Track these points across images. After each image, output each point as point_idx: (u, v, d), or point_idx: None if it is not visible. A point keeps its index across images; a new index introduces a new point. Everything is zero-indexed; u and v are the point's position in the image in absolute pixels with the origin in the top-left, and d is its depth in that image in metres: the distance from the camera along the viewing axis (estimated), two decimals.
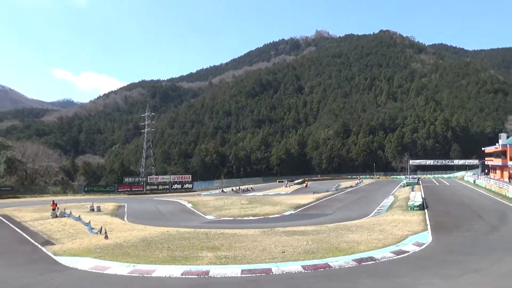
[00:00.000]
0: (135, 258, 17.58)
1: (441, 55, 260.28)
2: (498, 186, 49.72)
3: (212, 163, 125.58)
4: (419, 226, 24.17)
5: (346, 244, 19.67)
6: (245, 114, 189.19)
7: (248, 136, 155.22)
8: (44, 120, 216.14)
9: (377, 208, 37.12)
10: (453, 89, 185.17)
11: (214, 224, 30.82)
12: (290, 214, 36.23)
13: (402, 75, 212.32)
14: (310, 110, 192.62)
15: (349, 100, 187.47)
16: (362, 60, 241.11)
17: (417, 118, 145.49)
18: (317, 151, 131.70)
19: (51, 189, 74.53)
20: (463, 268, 14.72)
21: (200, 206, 45.72)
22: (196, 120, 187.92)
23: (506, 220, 26.34)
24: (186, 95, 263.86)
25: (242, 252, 18.36)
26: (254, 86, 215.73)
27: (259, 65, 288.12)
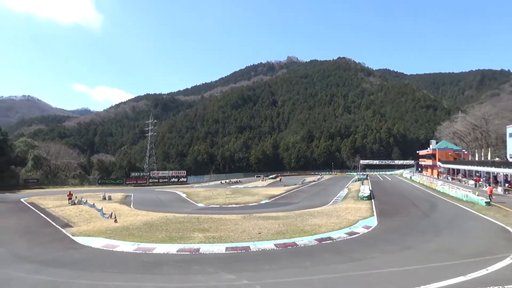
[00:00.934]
0: (139, 238, 17.39)
1: (385, 77, 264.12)
2: (429, 181, 50.53)
3: (203, 161, 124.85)
4: (367, 213, 24.43)
5: (309, 227, 19.78)
6: (230, 122, 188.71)
7: (232, 139, 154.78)
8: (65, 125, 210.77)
9: (334, 198, 37.32)
10: (394, 105, 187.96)
11: (204, 210, 30.64)
12: (266, 203, 36.20)
13: (355, 93, 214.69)
14: (282, 120, 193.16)
15: (313, 112, 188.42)
16: (323, 81, 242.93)
17: (366, 127, 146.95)
18: (287, 152, 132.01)
19: (70, 181, 72.93)
20: (401, 245, 14.98)
21: (193, 196, 45.42)
22: (190, 127, 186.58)
23: (435, 208, 26.83)
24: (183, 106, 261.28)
25: (226, 233, 18.32)
26: (238, 99, 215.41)
27: (242, 83, 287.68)
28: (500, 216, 21.76)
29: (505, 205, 25.81)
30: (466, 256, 12.94)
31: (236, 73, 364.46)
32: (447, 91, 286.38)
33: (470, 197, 29.54)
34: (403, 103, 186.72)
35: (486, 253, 13.34)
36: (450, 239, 16.17)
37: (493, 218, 21.33)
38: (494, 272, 10.99)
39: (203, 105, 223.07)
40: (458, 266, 11.70)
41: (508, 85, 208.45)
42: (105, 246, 15.95)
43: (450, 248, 14.37)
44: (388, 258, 13.07)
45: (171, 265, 12.74)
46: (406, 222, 21.12)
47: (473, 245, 14.73)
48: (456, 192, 33.62)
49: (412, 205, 28.51)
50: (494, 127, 69.74)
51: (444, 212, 24.55)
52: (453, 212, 24.47)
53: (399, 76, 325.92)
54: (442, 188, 39.46)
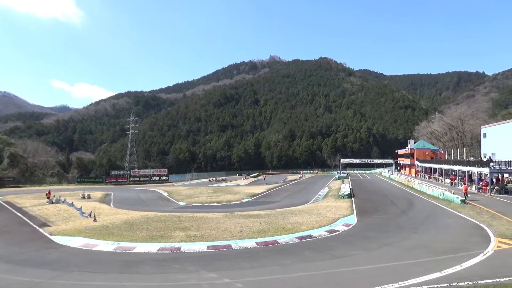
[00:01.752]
0: (119, 237, 17.13)
1: (365, 78, 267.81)
2: (407, 180, 51.56)
3: (184, 159, 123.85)
4: (347, 211, 24.74)
5: (291, 225, 19.90)
6: (212, 121, 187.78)
7: (214, 138, 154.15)
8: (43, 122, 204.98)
9: (315, 197, 37.69)
10: (374, 105, 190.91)
11: (185, 209, 30.44)
12: (247, 201, 36.25)
13: (336, 93, 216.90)
14: (264, 119, 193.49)
15: (294, 111, 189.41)
16: (305, 80, 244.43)
17: (347, 127, 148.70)
18: (269, 151, 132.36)
19: (48, 180, 71.23)
20: (380, 242, 15.26)
21: (174, 194, 45.07)
22: (172, 125, 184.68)
23: (413, 206, 27.41)
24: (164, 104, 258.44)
25: (208, 231, 18.24)
26: (220, 98, 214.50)
27: (224, 81, 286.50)
28: (474, 213, 22.41)
29: (479, 203, 26.59)
30: (441, 253, 13.28)
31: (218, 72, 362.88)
32: (425, 92, 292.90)
33: (446, 195, 30.31)
34: (382, 103, 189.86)
35: (460, 249, 13.72)
36: (427, 236, 16.56)
37: (467, 215, 21.95)
38: (468, 268, 11.31)
39: (185, 104, 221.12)
40: (434, 262, 12.00)
41: (483, 87, 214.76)
42: (84, 245, 15.65)
43: (427, 245, 14.72)
44: (368, 255, 13.29)
45: (151, 264, 12.60)
46: (385, 220, 21.52)
47: (449, 242, 15.12)
48: (433, 191, 34.43)
49: (390, 203, 29.06)
50: (469, 128, 71.74)
51: (421, 210, 25.11)
52: (429, 210, 25.06)
53: (379, 76, 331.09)
54: (420, 186, 40.34)
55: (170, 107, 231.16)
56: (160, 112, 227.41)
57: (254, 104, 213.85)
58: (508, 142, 41.63)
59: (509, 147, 40.91)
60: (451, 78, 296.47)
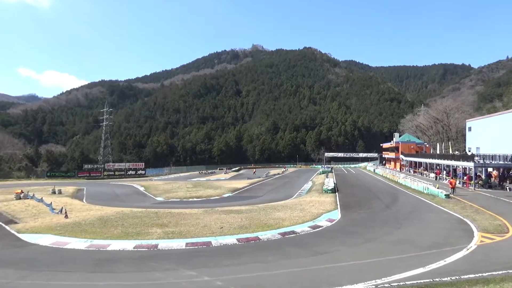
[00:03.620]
0: (92, 235, 16.90)
1: (351, 69, 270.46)
2: (392, 174, 52.57)
3: (162, 152, 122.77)
4: (331, 206, 25.06)
5: (273, 220, 20.03)
6: (191, 112, 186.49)
7: (194, 130, 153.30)
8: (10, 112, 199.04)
9: (298, 191, 38.00)
10: (359, 97, 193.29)
11: (163, 204, 30.26)
12: (228, 196, 36.32)
13: (321, 84, 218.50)
14: (246, 110, 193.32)
15: (278, 103, 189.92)
16: (289, 71, 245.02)
17: (331, 119, 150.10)
18: (251, 144, 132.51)
19: (15, 174, 69.52)
20: (364, 237, 15.53)
21: (151, 189, 44.71)
22: (149, 116, 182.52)
23: (397, 200, 27.99)
24: (141, 94, 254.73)
25: (186, 228, 18.19)
26: (200, 88, 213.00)
27: (204, 71, 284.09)
28: (458, 208, 23.05)
29: (464, 198, 27.37)
30: (425, 248, 13.62)
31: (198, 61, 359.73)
32: (411, 84, 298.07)
33: (431, 189, 31.05)
34: (368, 96, 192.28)
35: (444, 244, 14.11)
36: (411, 230, 16.95)
37: (451, 210, 22.56)
38: (451, 263, 11.64)
39: (163, 94, 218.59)
40: (418, 257, 12.30)
41: (468, 79, 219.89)
42: (54, 243, 15.36)
43: (411, 239, 15.06)
44: (351, 251, 13.52)
45: (126, 262, 12.48)
46: (369, 214, 21.91)
47: (432, 237, 15.52)
48: (417, 185, 35.22)
49: (375, 198, 29.60)
50: (454, 121, 73.52)
51: (405, 205, 25.66)
52: (414, 205, 25.65)
53: (365, 68, 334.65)
54: (404, 181, 41.18)
55: (147, 98, 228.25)
56: (136, 102, 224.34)
57: (235, 95, 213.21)
58: (492, 136, 42.89)
59: (493, 141, 42.17)
60: (437, 70, 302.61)
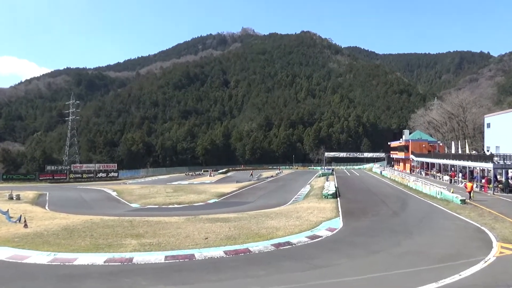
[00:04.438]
0: (56, 247, 16.74)
1: (355, 57, 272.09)
2: (401, 177, 52.99)
3: (138, 152, 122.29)
4: (332, 213, 25.18)
5: (265, 230, 20.07)
6: (172, 105, 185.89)
7: (175, 126, 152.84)
8: None
9: (294, 196, 38.18)
10: (364, 88, 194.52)
11: (139, 212, 30.15)
12: (214, 202, 36.36)
13: (320, 74, 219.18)
14: (235, 103, 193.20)
15: (271, 95, 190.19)
16: (284, 58, 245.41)
17: (332, 114, 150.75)
18: (241, 142, 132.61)
19: None
20: (368, 249, 15.64)
21: (125, 194, 44.52)
22: (123, 110, 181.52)
23: (406, 207, 28.25)
24: (113, 84, 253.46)
25: (166, 239, 18.13)
26: (182, 78, 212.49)
27: (186, 58, 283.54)
28: (475, 215, 23.33)
29: (481, 203, 27.68)
30: (438, 260, 13.75)
31: (180, 46, 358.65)
32: (423, 74, 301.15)
33: (444, 194, 31.38)
34: (374, 87, 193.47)
35: (459, 256, 14.26)
36: (421, 241, 17.11)
37: (467, 217, 22.82)
38: (467, 278, 11.77)
39: (138, 84, 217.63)
40: (429, 271, 12.42)
41: (487, 69, 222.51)
42: (11, 257, 15.20)
43: (421, 251, 15.21)
44: (354, 264, 13.60)
45: (95, 278, 12.40)
46: (375, 222, 22.07)
47: (446, 248, 15.69)
48: (430, 189, 35.54)
49: (381, 204, 29.86)
50: (471, 117, 74.33)
51: (415, 211, 25.92)
52: (425, 211, 25.91)
53: (370, 55, 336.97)
54: (415, 184, 41.56)
55: (121, 88, 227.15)
56: (107, 94, 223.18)
57: (223, 86, 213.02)
58: None
59: None
60: (453, 58, 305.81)
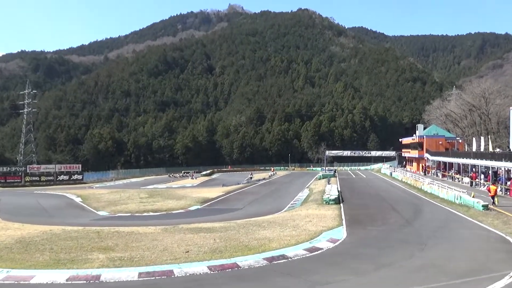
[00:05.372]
0: (10, 262, 16.62)
1: (361, 39, 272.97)
2: (414, 179, 53.27)
3: (106, 150, 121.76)
4: (334, 221, 25.27)
5: (256, 241, 20.10)
6: (146, 96, 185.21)
7: (150, 120, 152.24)
8: None
9: (291, 202, 38.21)
10: (372, 76, 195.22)
11: (107, 221, 30.01)
12: (196, 209, 36.32)
13: (321, 59, 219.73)
14: (220, 93, 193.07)
15: (263, 83, 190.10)
16: (278, 40, 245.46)
17: (335, 106, 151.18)
18: (227, 139, 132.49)
19: None
20: (376, 263, 15.74)
21: (92, 200, 44.31)
22: (88, 101, 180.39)
23: (420, 214, 28.43)
24: (77, 70, 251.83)
25: (140, 252, 18.09)
26: (158, 63, 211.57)
27: (163, 39, 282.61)
28: (500, 223, 23.57)
29: (507, 209, 27.91)
30: (456, 275, 13.88)
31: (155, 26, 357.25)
32: (439, 59, 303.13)
33: (464, 199, 31.66)
34: (383, 75, 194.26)
35: (481, 270, 14.41)
36: (438, 253, 17.25)
37: (491, 225, 23.04)
38: None
39: (107, 70, 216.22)
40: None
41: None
42: None
43: (438, 264, 15.34)
44: (361, 280, 13.68)
45: None
46: (384, 232, 22.21)
47: (466, 261, 15.85)
48: (447, 193, 35.84)
49: (391, 210, 30.06)
50: (495, 109, 74.87)
51: (431, 219, 26.12)
52: (442, 219, 26.13)
53: (379, 37, 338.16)
54: (430, 187, 41.86)
55: (86, 75, 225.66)
56: (70, 82, 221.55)
57: (206, 73, 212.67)
58: None
59: None
60: (474, 41, 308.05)
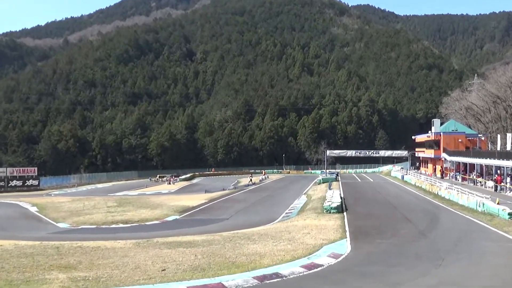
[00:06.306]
0: None
1: (367, 19, 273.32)
2: (429, 183, 53.51)
3: (67, 151, 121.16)
4: (336, 233, 25.28)
5: (245, 257, 20.07)
6: (115, 86, 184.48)
7: (119, 115, 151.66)
8: None
9: (285, 211, 38.21)
10: (380, 63, 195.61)
11: (69, 234, 29.85)
12: (174, 220, 36.24)
13: (320, 43, 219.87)
14: (202, 83, 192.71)
15: (253, 71, 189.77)
16: (270, 21, 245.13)
17: (337, 98, 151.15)
18: (211, 137, 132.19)
19: None
20: (385, 282, 15.77)
21: (50, 210, 44.03)
22: (46, 92, 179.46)
23: (436, 224, 28.51)
24: (31, 56, 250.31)
25: (107, 271, 17.98)
26: (128, 48, 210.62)
27: (134, 19, 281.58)
28: None
29: None
30: None
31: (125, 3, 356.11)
32: (459, 43, 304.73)
33: (488, 206, 31.82)
34: (393, 61, 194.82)
35: None
36: (457, 270, 17.34)
37: None
38: None
39: (67, 56, 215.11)
40: None
41: None
42: None
43: (457, 283, 15.42)
44: None
45: None
46: (395, 246, 22.26)
47: (489, 279, 15.93)
48: (468, 199, 36.02)
49: (403, 220, 30.16)
50: None
51: (449, 230, 26.23)
52: (462, 230, 26.21)
53: (388, 17, 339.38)
54: (448, 193, 42.03)
55: (42, 62, 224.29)
56: (23, 70, 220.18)
57: (185, 59, 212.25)
58: None
59: None
60: (498, 22, 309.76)
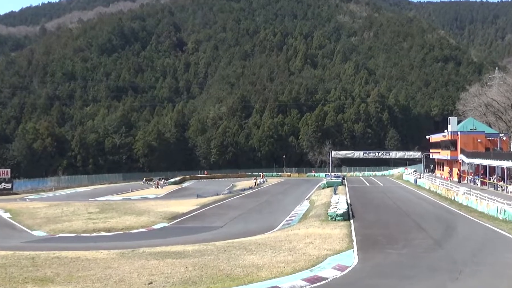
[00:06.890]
0: None
1: (376, 6, 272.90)
2: (445, 187, 53.38)
3: (44, 151, 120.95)
4: (342, 243, 25.27)
5: (241, 269, 20.06)
6: (97, 79, 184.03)
7: (102, 111, 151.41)
8: None
9: (286, 219, 38.20)
10: (391, 54, 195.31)
11: (45, 243, 29.85)
12: (163, 228, 36.24)
13: (325, 32, 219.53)
14: (194, 76, 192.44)
15: (250, 63, 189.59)
16: (269, 8, 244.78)
17: (343, 93, 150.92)
18: (203, 136, 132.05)
19: None
20: None
21: (25, 216, 43.95)
22: (20, 85, 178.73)
23: (453, 233, 28.47)
24: (4, 45, 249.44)
25: (88, 284, 18.00)
26: (112, 37, 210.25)
27: (119, 5, 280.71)
28: None
29: None
30: None
31: None
32: (478, 33, 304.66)
33: (510, 213, 31.86)
34: (405, 52, 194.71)
35: None
36: (476, 283, 17.34)
37: None
38: None
39: (44, 46, 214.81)
40: None
41: None
42: None
43: None
44: None
45: None
46: (406, 256, 22.26)
47: None
48: (488, 206, 36.04)
49: (416, 229, 30.14)
50: None
51: (467, 239, 26.24)
52: (481, 239, 26.22)
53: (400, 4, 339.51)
54: (466, 199, 42.01)
55: (16, 52, 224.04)
56: None
57: (175, 49, 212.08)
58: None
59: None
60: None
